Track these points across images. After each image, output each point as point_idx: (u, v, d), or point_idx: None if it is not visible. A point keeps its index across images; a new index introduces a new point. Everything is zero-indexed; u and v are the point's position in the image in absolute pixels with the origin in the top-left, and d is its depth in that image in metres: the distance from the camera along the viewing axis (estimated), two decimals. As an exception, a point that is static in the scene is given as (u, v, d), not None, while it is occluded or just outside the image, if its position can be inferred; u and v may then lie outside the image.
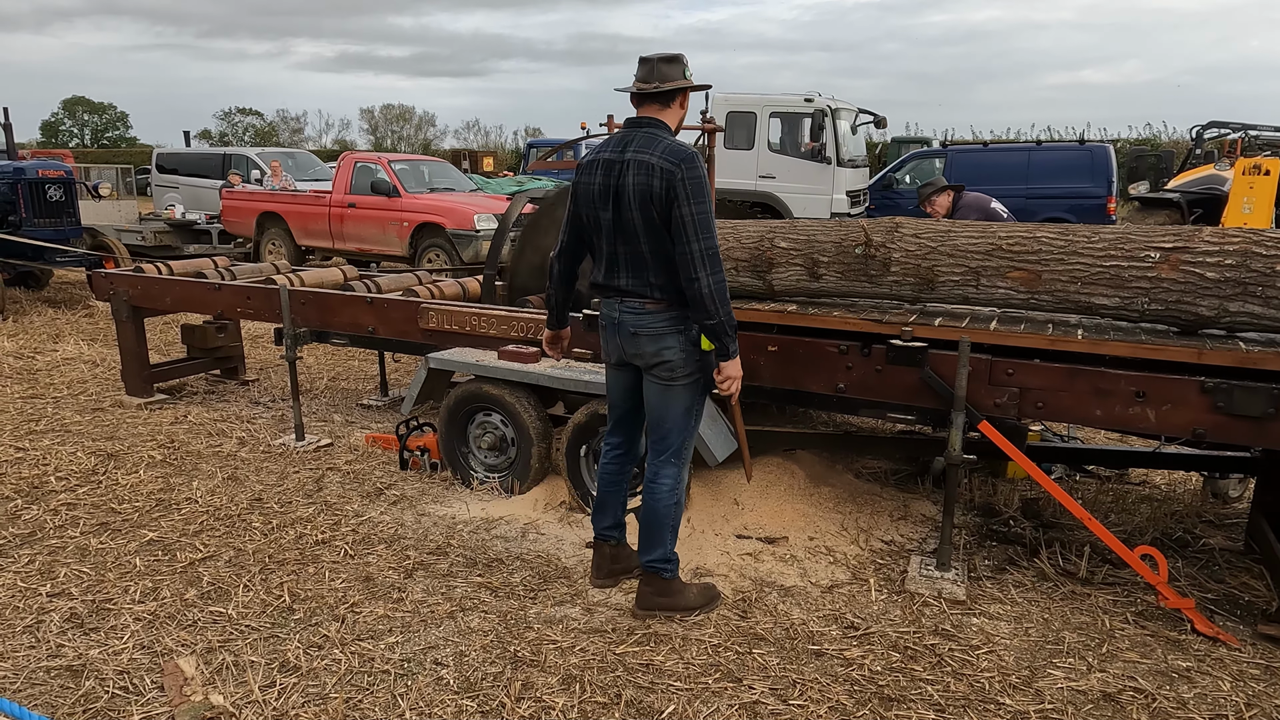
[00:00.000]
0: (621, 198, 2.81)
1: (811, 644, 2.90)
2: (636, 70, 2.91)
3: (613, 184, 2.82)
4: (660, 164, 2.74)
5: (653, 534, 3.03)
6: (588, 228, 2.96)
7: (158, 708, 2.54)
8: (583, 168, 2.94)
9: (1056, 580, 3.33)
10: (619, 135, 2.91)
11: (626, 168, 2.80)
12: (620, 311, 2.93)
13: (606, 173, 2.84)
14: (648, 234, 2.80)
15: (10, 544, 3.60)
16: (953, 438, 3.22)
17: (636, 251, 2.84)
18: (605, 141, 2.96)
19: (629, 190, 2.79)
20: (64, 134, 58.24)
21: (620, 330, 2.94)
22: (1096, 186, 12.50)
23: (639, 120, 2.90)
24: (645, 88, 2.87)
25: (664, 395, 2.95)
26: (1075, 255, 3.14)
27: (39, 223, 8.99)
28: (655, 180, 2.74)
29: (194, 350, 6.15)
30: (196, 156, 17.16)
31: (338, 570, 3.39)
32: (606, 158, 2.86)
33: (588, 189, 2.90)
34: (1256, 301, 2.87)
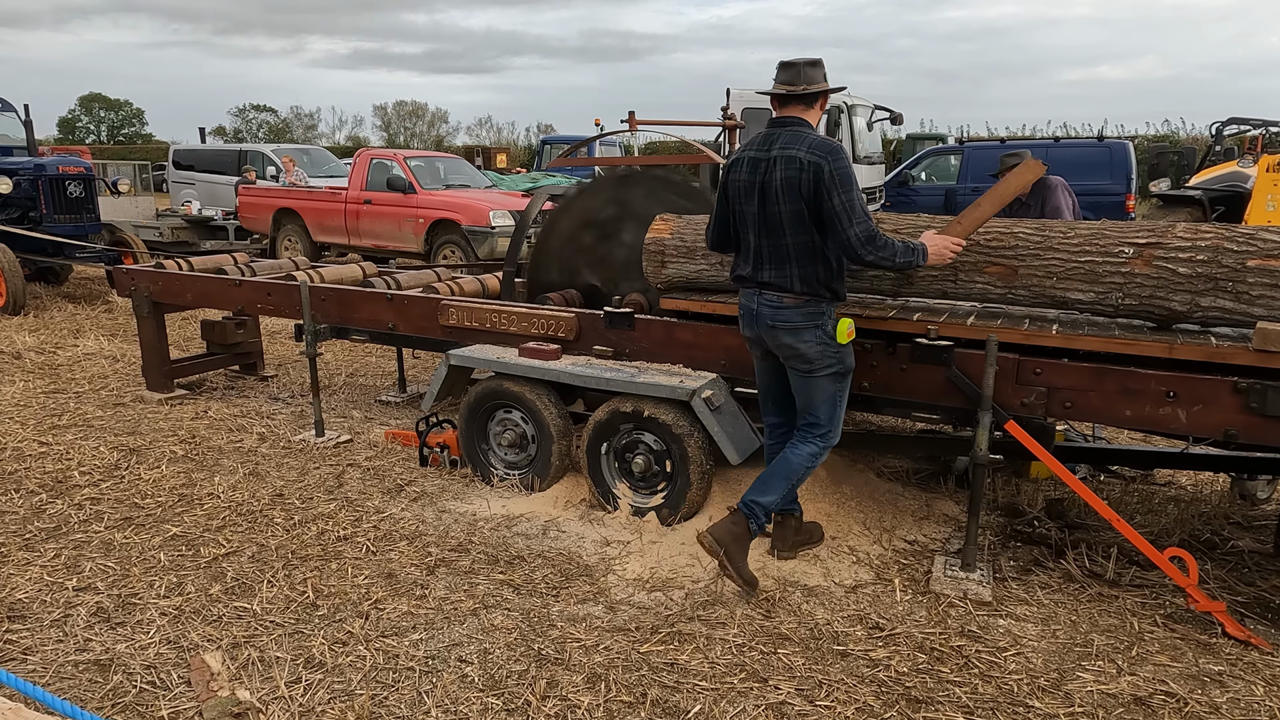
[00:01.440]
0: (768, 192, 2.97)
1: (837, 644, 2.88)
2: (779, 74, 3.04)
3: (759, 179, 2.98)
4: (807, 158, 2.89)
5: (771, 480, 3.17)
6: (734, 223, 3.14)
7: (185, 702, 2.55)
8: (730, 166, 3.10)
9: (1083, 582, 3.30)
10: (764, 134, 3.05)
11: (774, 164, 2.95)
12: (758, 304, 3.09)
13: (753, 169, 3.00)
14: (793, 226, 2.96)
15: (37, 538, 3.62)
16: (979, 437, 3.19)
17: (780, 245, 3.00)
18: (749, 141, 3.08)
19: (776, 184, 2.94)
20: (81, 130, 58.69)
21: (758, 320, 3.11)
22: (1115, 184, 12.38)
23: (783, 120, 3.04)
24: (794, 90, 3.00)
25: (806, 384, 3.12)
26: (1051, 250, 3.19)
27: (59, 219, 9.05)
28: (803, 173, 2.89)
29: (214, 346, 6.17)
30: (213, 153, 17.27)
31: (360, 566, 3.39)
32: (752, 155, 3.01)
33: (735, 185, 3.06)
34: (1227, 297, 2.91)
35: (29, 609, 3.06)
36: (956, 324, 3.33)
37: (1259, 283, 2.86)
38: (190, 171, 16.58)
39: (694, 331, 3.87)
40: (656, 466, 3.78)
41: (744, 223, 3.08)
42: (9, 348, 7.05)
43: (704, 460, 3.65)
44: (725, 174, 3.13)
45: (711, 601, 3.14)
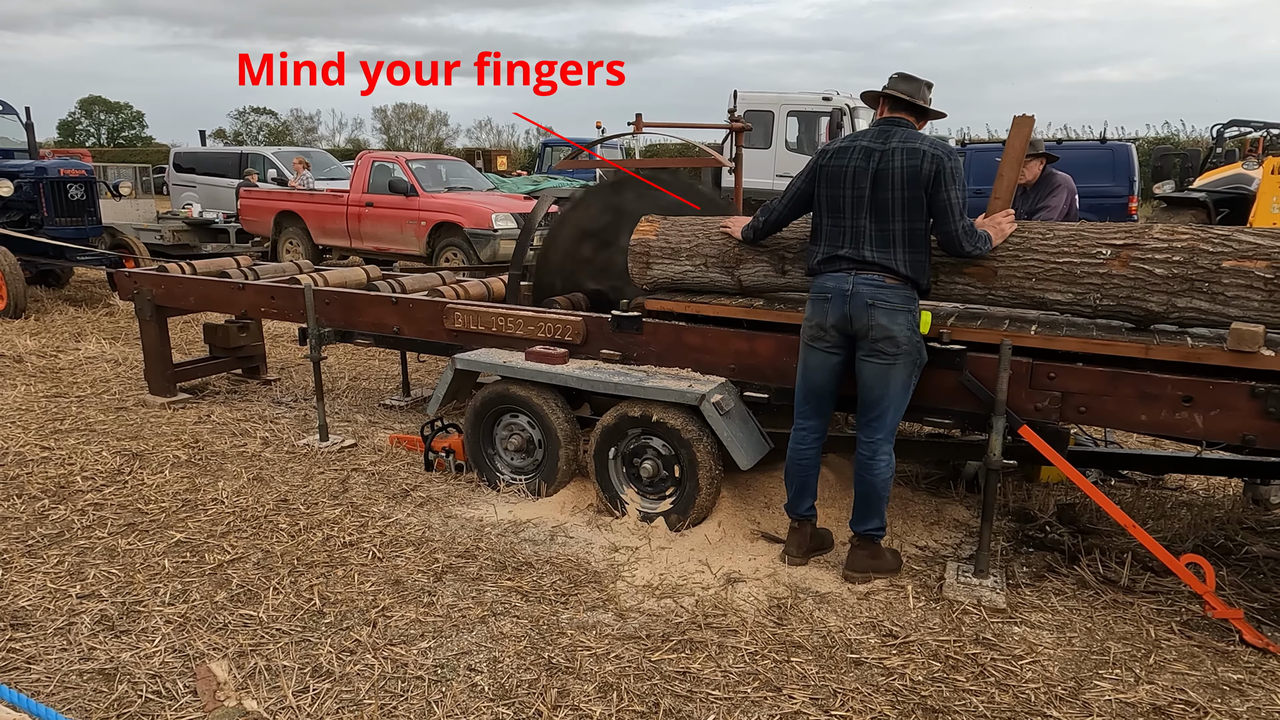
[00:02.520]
0: (884, 177, 3.10)
1: (850, 652, 2.85)
2: (899, 84, 3.23)
3: (873, 166, 3.12)
4: (931, 151, 3.09)
5: (871, 506, 3.28)
6: (825, 206, 3.23)
7: (191, 712, 2.51)
8: (835, 152, 3.23)
9: (1098, 588, 3.26)
10: (877, 130, 3.21)
11: (893, 154, 3.10)
12: (855, 283, 3.14)
13: (867, 157, 3.14)
14: (907, 212, 3.10)
15: (39, 544, 3.59)
16: (993, 442, 3.16)
17: (887, 229, 3.13)
18: (858, 133, 3.26)
19: (895, 172, 3.09)
20: (81, 133, 58.68)
21: (852, 301, 3.13)
22: (1118, 186, 12.36)
23: (897, 120, 3.21)
24: (916, 100, 3.21)
25: (884, 373, 3.15)
26: (1029, 251, 3.23)
27: (60, 221, 9.01)
28: (925, 164, 3.07)
29: (216, 349, 6.14)
30: (213, 156, 17.25)
31: (367, 573, 3.36)
32: (866, 145, 3.16)
33: (839, 170, 3.18)
34: (1203, 297, 2.95)
35: (32, 617, 3.02)
36: (969, 328, 3.30)
37: (1234, 284, 2.90)
38: (191, 174, 16.56)
39: (702, 335, 3.84)
40: (665, 471, 3.74)
41: (843, 206, 3.18)
42: (10, 351, 7.01)
43: (713, 465, 3.62)
44: (827, 159, 3.24)
45: (722, 609, 3.11)
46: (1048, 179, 4.91)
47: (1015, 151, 3.54)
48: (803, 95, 12.43)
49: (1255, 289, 2.87)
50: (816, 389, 3.32)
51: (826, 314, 3.19)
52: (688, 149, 6.37)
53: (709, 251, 3.79)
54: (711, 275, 3.81)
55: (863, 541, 3.33)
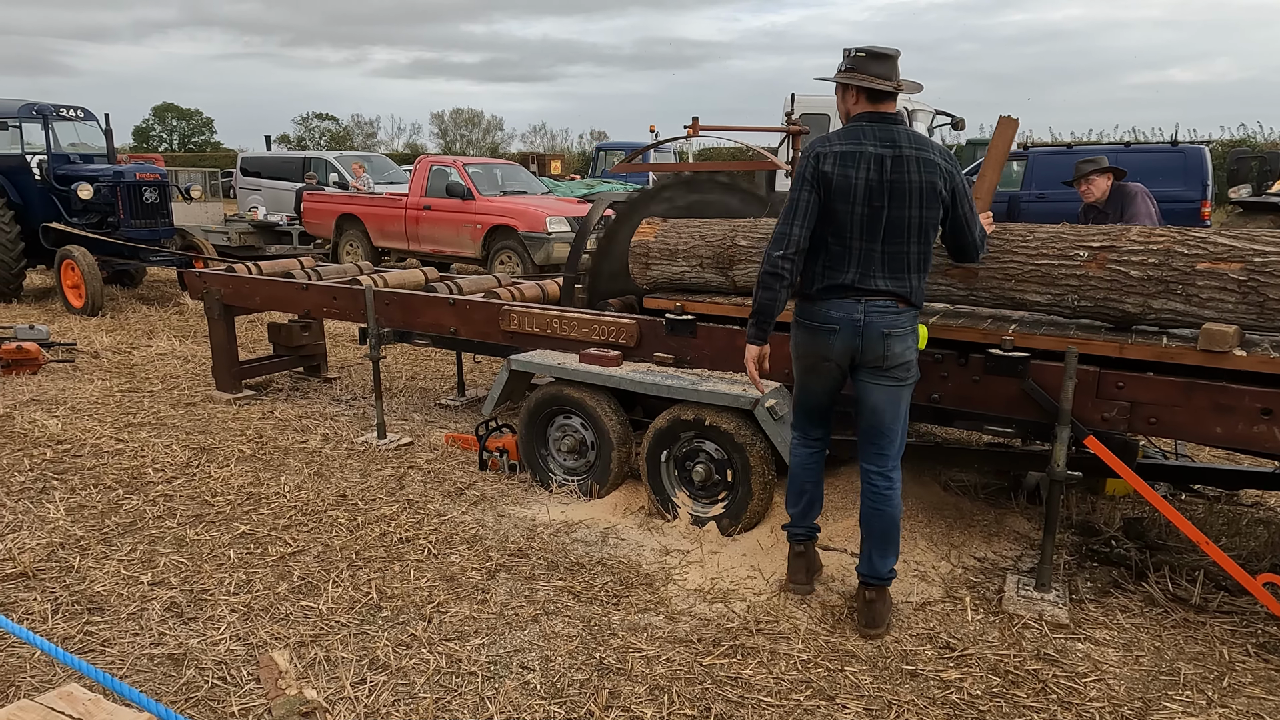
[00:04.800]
0: (899, 194, 2.71)
1: (906, 663, 2.80)
2: (873, 66, 2.78)
3: (888, 179, 2.70)
4: (943, 164, 2.76)
5: (891, 543, 2.96)
6: (834, 224, 2.76)
7: (255, 700, 2.59)
8: (838, 158, 2.71)
9: (1167, 606, 3.14)
10: (877, 129, 2.75)
11: (907, 163, 2.70)
12: (866, 312, 2.78)
13: (878, 167, 2.70)
14: (922, 232, 2.77)
15: (114, 532, 3.74)
16: (1056, 452, 3.07)
17: (900, 251, 2.76)
18: (850, 133, 2.76)
19: (913, 187, 2.71)
20: (154, 139, 61.07)
21: (865, 332, 2.79)
22: (1190, 190, 11.90)
23: (889, 116, 2.78)
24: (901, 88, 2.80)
25: (897, 396, 2.88)
26: (1009, 253, 3.29)
27: (136, 224, 9.38)
28: (939, 179, 2.74)
29: (280, 348, 6.32)
30: (278, 160, 17.76)
31: (422, 569, 3.42)
32: (874, 152, 2.70)
33: (848, 182, 2.70)
34: (1178, 299, 2.98)
35: (107, 602, 3.15)
36: (1033, 335, 3.23)
37: (1208, 286, 2.92)
38: (257, 178, 17.08)
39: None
40: (717, 476, 3.73)
41: (851, 224, 2.73)
42: (88, 347, 7.33)
43: (766, 470, 3.59)
44: (833, 165, 2.72)
45: (774, 615, 3.08)
46: (1122, 191, 4.77)
47: (998, 153, 3.54)
48: (859, 98, 12.30)
49: (1229, 291, 2.90)
50: (822, 407, 3.07)
51: (831, 345, 2.83)
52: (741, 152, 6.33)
53: (704, 253, 3.94)
54: (707, 276, 3.98)
55: (882, 591, 2.97)
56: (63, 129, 9.86)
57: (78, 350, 7.16)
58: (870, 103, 2.81)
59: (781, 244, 2.78)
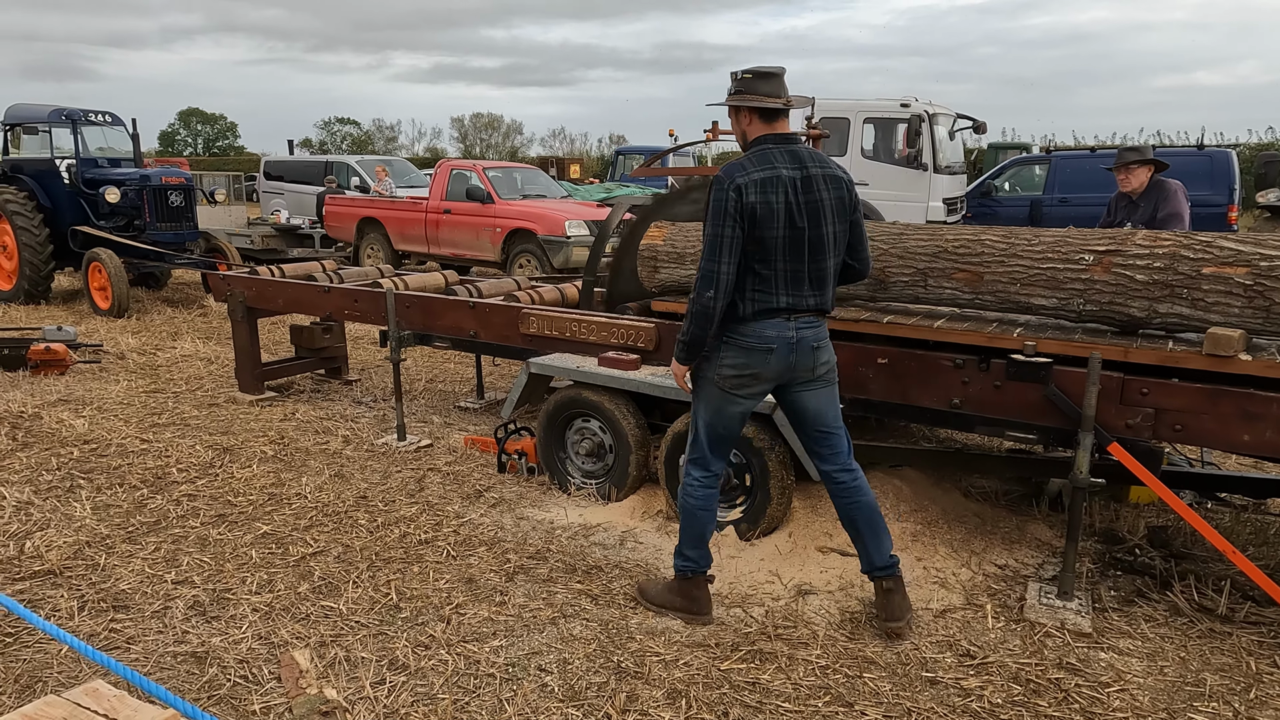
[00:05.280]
0: (815, 213, 2.78)
1: (925, 670, 2.78)
2: (761, 85, 2.82)
3: (805, 200, 2.76)
4: (844, 177, 2.87)
5: (879, 528, 3.01)
6: (761, 249, 2.76)
7: (276, 698, 2.61)
8: (756, 186, 2.72)
9: (1192, 616, 3.10)
10: (783, 150, 2.80)
11: (816, 182, 2.78)
12: (798, 329, 2.84)
13: (793, 190, 2.75)
14: (838, 247, 2.87)
15: (139, 531, 3.79)
16: (1079, 459, 3.04)
17: (822, 268, 2.84)
18: (764, 158, 2.78)
19: (826, 204, 2.80)
20: (179, 143, 61.91)
21: (799, 348, 2.84)
22: (1216, 194, 11.75)
23: (790, 136, 2.86)
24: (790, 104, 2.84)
25: (832, 394, 2.99)
26: (1015, 258, 3.29)
27: (162, 227, 9.52)
28: (846, 193, 2.86)
29: (302, 350, 6.38)
30: (301, 164, 17.96)
31: (441, 571, 3.43)
32: (788, 175, 2.75)
33: (772, 209, 2.73)
34: (1184, 303, 2.98)
35: (131, 600, 3.19)
36: (1057, 340, 3.20)
37: (1214, 290, 2.91)
38: (279, 182, 17.28)
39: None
40: (736, 480, 3.72)
41: (775, 248, 2.75)
42: (114, 348, 7.44)
43: (785, 475, 3.58)
44: (751, 194, 2.71)
45: (792, 621, 3.07)
46: (1159, 186, 4.71)
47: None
48: (880, 102, 12.21)
49: (1235, 295, 2.88)
50: (736, 434, 3.07)
51: (769, 363, 2.84)
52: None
53: None
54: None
55: (896, 580, 2.98)
56: (91, 134, 10.01)
57: (104, 351, 7.27)
58: (764, 122, 2.85)
59: (711, 283, 2.76)
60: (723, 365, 2.88)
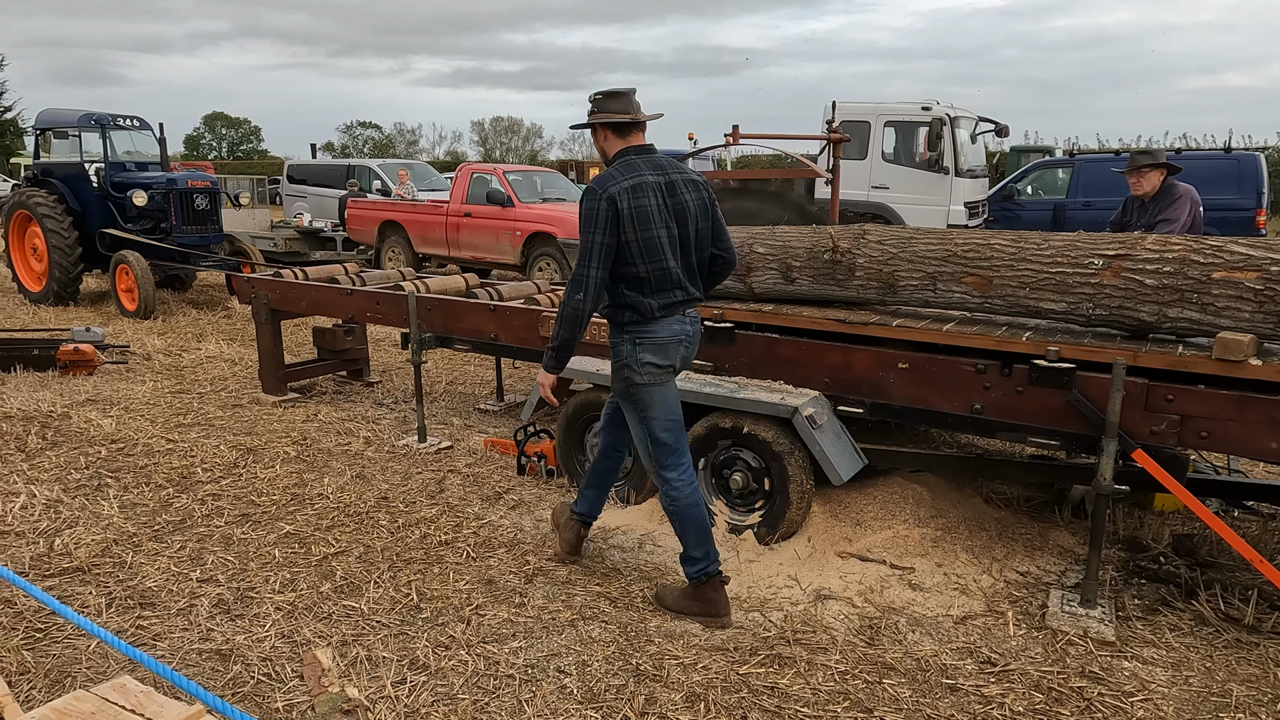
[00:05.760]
0: (682, 214, 3.03)
1: (945, 677, 2.76)
2: (611, 104, 3.06)
3: (672, 203, 3.00)
4: (701, 181, 3.15)
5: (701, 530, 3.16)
6: (641, 251, 2.93)
7: (299, 696, 2.64)
8: (629, 192, 2.90)
9: (1218, 626, 3.06)
10: (645, 160, 3.02)
11: (681, 187, 3.04)
12: (690, 321, 3.12)
13: (661, 194, 2.98)
14: (702, 244, 3.13)
15: (164, 530, 3.84)
16: (1103, 466, 3.01)
17: (691, 263, 3.10)
18: (630, 167, 2.97)
19: (692, 205, 3.05)
20: (204, 147, 62.73)
21: (693, 339, 3.15)
22: (1244, 198, 11.58)
23: (647, 146, 3.09)
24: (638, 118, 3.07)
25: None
26: (1024, 262, 3.29)
27: (187, 230, 9.65)
28: (705, 193, 3.12)
29: (324, 352, 6.45)
30: (323, 168, 18.13)
31: (461, 572, 3.46)
32: (653, 181, 2.97)
33: (645, 210, 2.93)
34: (1193, 308, 2.97)
35: (157, 597, 3.24)
36: (1079, 345, 3.17)
37: (1224, 294, 2.90)
38: (302, 185, 17.45)
39: (796, 348, 3.80)
40: (754, 484, 3.72)
41: (660, 248, 2.95)
42: (140, 349, 7.55)
43: (804, 479, 3.58)
44: (627, 201, 2.89)
45: (811, 626, 3.06)
46: (1168, 190, 4.68)
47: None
48: (901, 105, 12.15)
49: (1246, 300, 2.87)
50: (681, 416, 3.17)
51: (680, 355, 3.08)
52: (779, 160, 6.32)
53: None
54: (726, 282, 3.94)
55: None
56: (119, 138, 10.17)
57: (131, 352, 7.38)
58: (619, 136, 3.06)
59: (581, 287, 2.93)
60: (645, 367, 3.03)
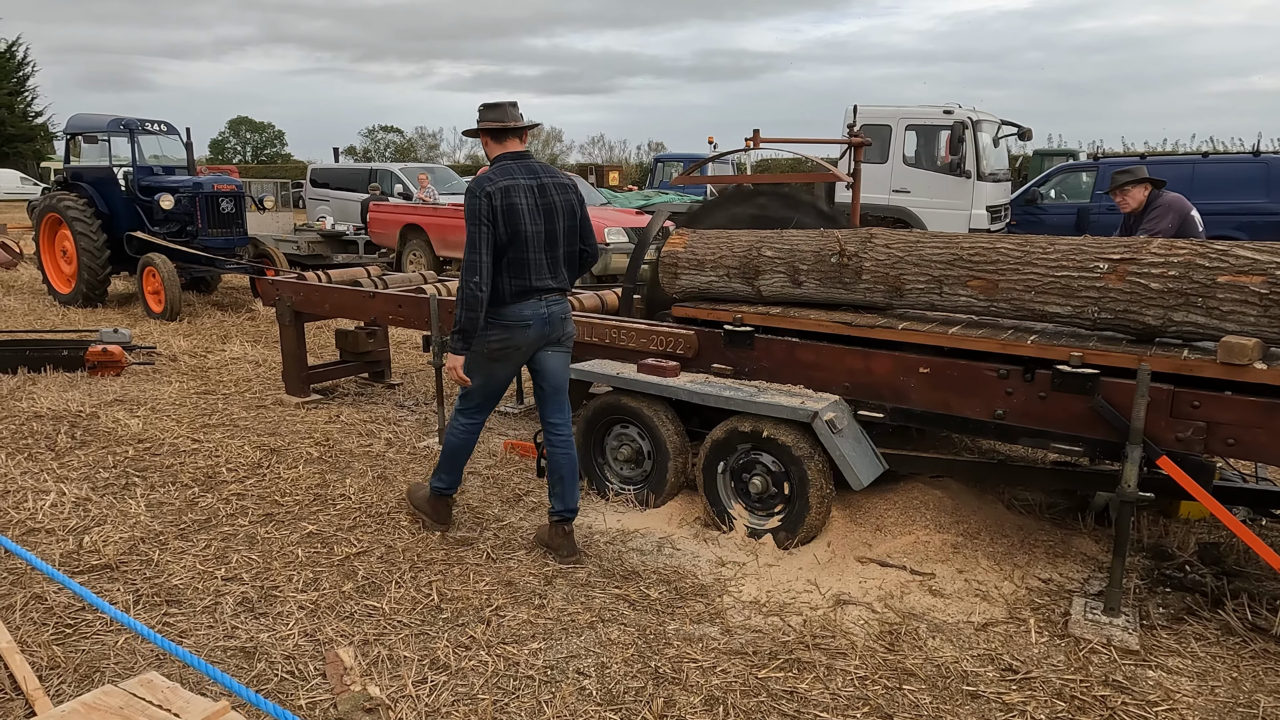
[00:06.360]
0: (550, 212, 3.46)
1: (966, 684, 2.74)
2: (489, 114, 3.48)
3: (541, 202, 3.44)
4: (570, 183, 3.56)
5: (576, 479, 3.66)
6: (513, 243, 3.37)
7: (321, 694, 2.67)
8: (502, 192, 3.34)
9: (1246, 636, 3.02)
10: (519, 164, 3.45)
11: (550, 189, 3.47)
12: (549, 306, 3.52)
13: (531, 194, 3.41)
14: (569, 239, 3.54)
15: (190, 528, 3.90)
16: (1127, 472, 2.98)
17: (557, 256, 3.51)
18: (505, 170, 3.41)
19: (557, 205, 3.48)
20: (229, 151, 63.53)
21: (550, 321, 3.53)
22: (1273, 202, 11.40)
23: (523, 152, 3.52)
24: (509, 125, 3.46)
25: (567, 359, 3.71)
26: (1030, 265, 3.30)
27: (213, 233, 9.78)
28: (573, 195, 3.54)
29: (346, 354, 6.51)
30: (345, 171, 18.30)
31: (481, 573, 3.48)
32: (525, 183, 3.41)
33: (516, 208, 3.37)
34: (1199, 312, 2.97)
35: (183, 595, 3.29)
36: (1104, 350, 3.15)
37: (1229, 298, 2.89)
38: (325, 189, 17.63)
39: (816, 352, 3.80)
40: (774, 488, 3.72)
41: (526, 241, 3.39)
42: (167, 351, 7.66)
43: (824, 484, 3.57)
44: (501, 199, 3.32)
45: (830, 630, 3.06)
46: (1151, 202, 4.76)
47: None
48: (923, 108, 12.09)
49: (1251, 304, 2.86)
50: (501, 392, 3.73)
51: (526, 337, 3.48)
52: (800, 164, 6.31)
53: (731, 263, 4.04)
54: (734, 285, 4.07)
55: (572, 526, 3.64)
56: (147, 142, 10.33)
57: (157, 353, 7.49)
58: (497, 143, 3.49)
59: (476, 271, 3.32)
60: (490, 340, 3.48)
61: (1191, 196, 11.60)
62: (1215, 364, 2.93)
